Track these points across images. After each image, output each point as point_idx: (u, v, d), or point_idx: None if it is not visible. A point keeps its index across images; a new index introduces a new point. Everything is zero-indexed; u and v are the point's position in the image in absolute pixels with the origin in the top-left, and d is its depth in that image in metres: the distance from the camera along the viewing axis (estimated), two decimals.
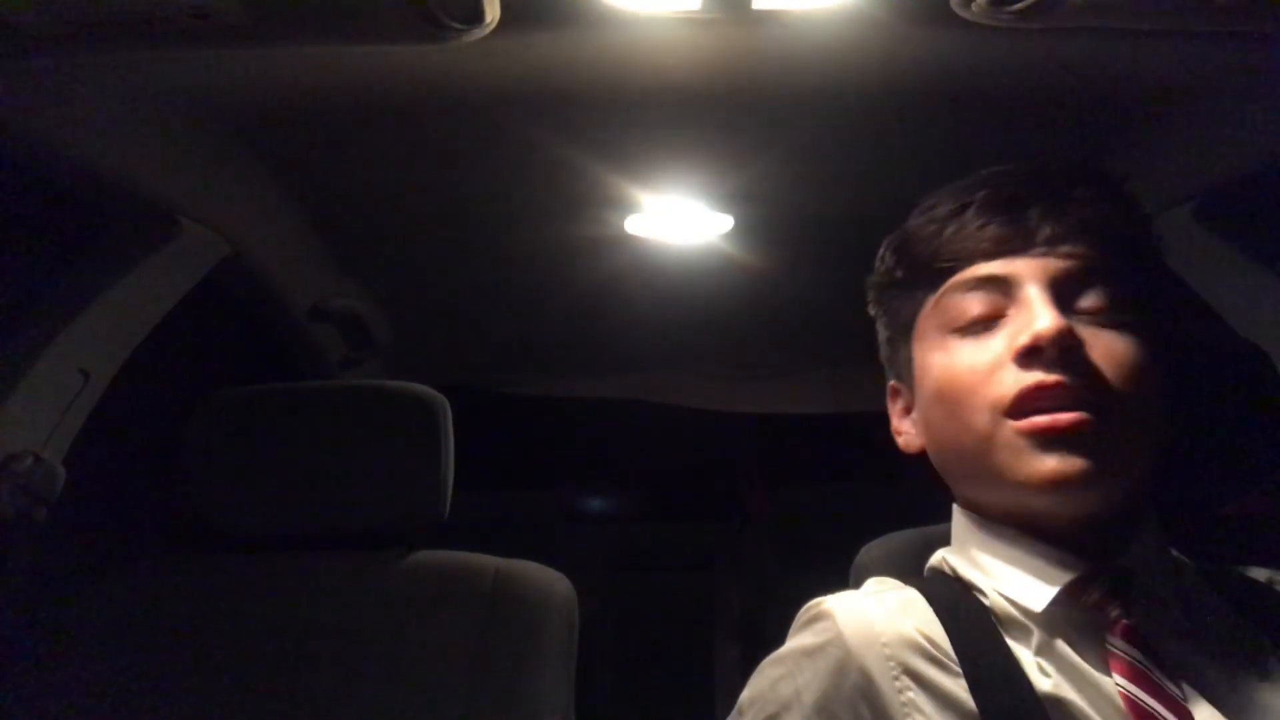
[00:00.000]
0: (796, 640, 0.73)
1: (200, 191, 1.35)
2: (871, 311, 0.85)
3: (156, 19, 0.85)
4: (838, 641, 0.70)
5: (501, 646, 1.16)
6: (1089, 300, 0.70)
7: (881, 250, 0.83)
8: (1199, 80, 1.13)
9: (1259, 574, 0.77)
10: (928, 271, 0.76)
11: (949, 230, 0.75)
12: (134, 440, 1.61)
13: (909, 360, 0.79)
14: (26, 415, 1.22)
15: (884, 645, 0.69)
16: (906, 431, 0.82)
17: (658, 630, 2.77)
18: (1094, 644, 0.68)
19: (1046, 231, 0.71)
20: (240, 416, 1.27)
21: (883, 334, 0.85)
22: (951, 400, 0.72)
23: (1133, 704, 0.64)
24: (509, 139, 1.31)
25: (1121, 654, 0.66)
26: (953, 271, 0.74)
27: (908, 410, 0.81)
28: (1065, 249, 0.71)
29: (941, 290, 0.75)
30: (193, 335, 1.57)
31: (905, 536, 0.94)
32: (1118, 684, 0.65)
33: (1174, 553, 0.75)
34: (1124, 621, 0.68)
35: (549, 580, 1.22)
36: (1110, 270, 0.71)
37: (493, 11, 0.89)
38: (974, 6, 0.87)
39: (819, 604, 0.75)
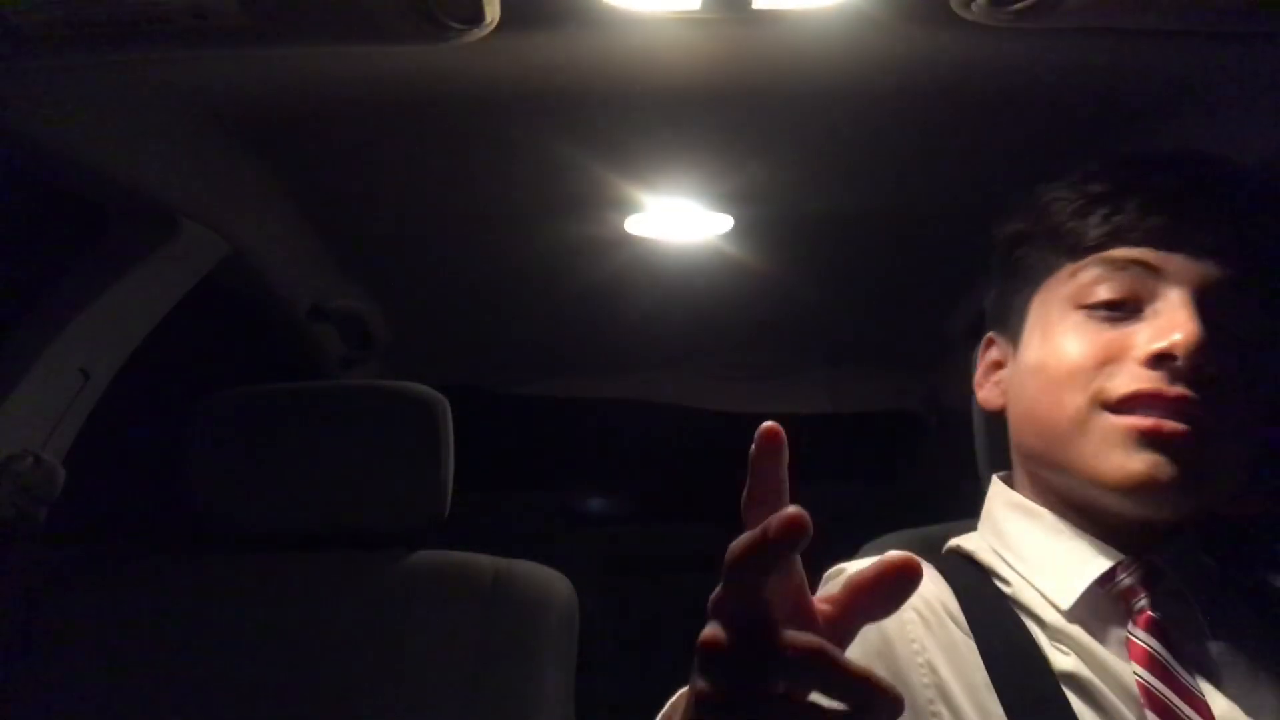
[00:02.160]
0: None
1: (200, 191, 1.35)
2: (998, 255, 0.82)
3: (156, 19, 0.85)
4: None
5: (501, 646, 1.16)
6: (1230, 315, 0.68)
7: (1015, 207, 0.80)
8: (1199, 80, 1.13)
9: None
10: (1074, 239, 0.73)
11: (1104, 208, 0.72)
12: (134, 440, 1.61)
13: (1021, 319, 0.77)
14: (26, 415, 1.22)
15: (902, 609, 0.69)
16: (988, 387, 0.80)
17: (658, 630, 2.77)
18: (1115, 631, 0.68)
19: (1205, 236, 0.69)
20: (240, 416, 1.27)
21: (997, 284, 0.82)
22: (1054, 375, 0.70)
23: (1149, 693, 0.64)
24: (509, 139, 1.31)
25: (1142, 643, 0.67)
26: (1102, 246, 0.71)
27: (998, 365, 0.79)
28: (1220, 258, 0.68)
29: (1084, 262, 0.72)
30: (193, 335, 1.57)
31: (905, 536, 0.94)
32: (1135, 672, 0.65)
33: (1204, 556, 0.75)
34: (1148, 613, 0.68)
35: (549, 580, 1.22)
36: (1258, 287, 0.69)
37: (493, 11, 0.89)
38: (974, 6, 0.87)
39: (841, 568, 0.76)
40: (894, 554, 0.45)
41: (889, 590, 0.45)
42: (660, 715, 0.54)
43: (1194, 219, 0.69)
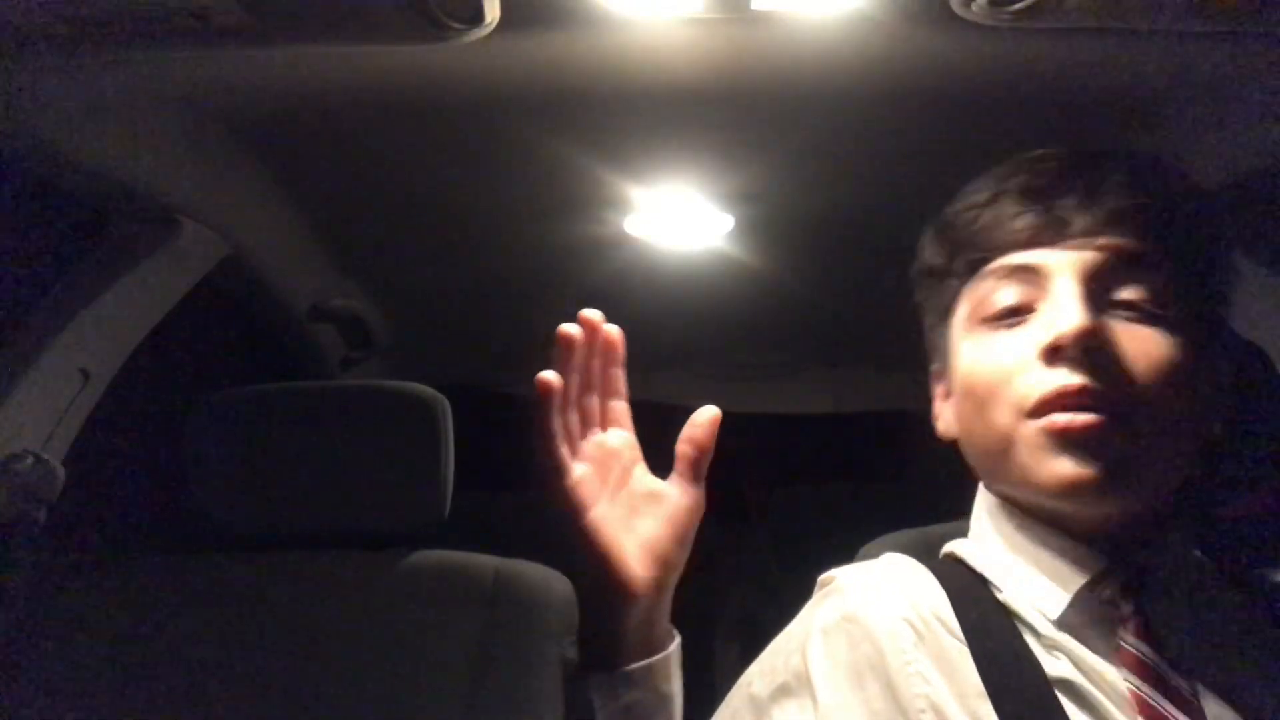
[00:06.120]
0: (811, 612, 0.74)
1: (200, 191, 1.35)
2: (916, 298, 0.84)
3: (156, 19, 0.85)
4: (850, 615, 0.71)
5: (501, 646, 1.16)
6: (1125, 293, 0.68)
7: (922, 237, 0.82)
8: (1199, 80, 1.13)
9: None
10: (963, 259, 0.76)
11: (984, 218, 0.74)
12: (134, 440, 1.61)
13: (946, 348, 0.79)
14: (26, 415, 1.22)
15: (893, 619, 0.69)
16: (945, 417, 0.81)
17: None
18: (1105, 638, 0.68)
19: (1080, 222, 0.70)
20: (240, 416, 1.27)
21: (926, 319, 0.84)
22: (978, 395, 0.71)
23: (1140, 699, 0.64)
24: (509, 139, 1.31)
25: (1131, 649, 0.66)
26: (986, 260, 0.74)
27: (948, 395, 0.80)
28: (1099, 240, 0.69)
29: (976, 278, 0.75)
30: (193, 335, 1.57)
31: (905, 536, 0.94)
32: (1126, 679, 0.65)
33: (1197, 553, 0.75)
34: (1136, 618, 0.68)
35: (549, 580, 1.22)
36: (1147, 261, 0.69)
37: (493, 11, 0.89)
38: (974, 6, 0.87)
39: (833, 576, 0.76)
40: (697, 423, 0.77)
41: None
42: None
43: (1064, 209, 0.70)
